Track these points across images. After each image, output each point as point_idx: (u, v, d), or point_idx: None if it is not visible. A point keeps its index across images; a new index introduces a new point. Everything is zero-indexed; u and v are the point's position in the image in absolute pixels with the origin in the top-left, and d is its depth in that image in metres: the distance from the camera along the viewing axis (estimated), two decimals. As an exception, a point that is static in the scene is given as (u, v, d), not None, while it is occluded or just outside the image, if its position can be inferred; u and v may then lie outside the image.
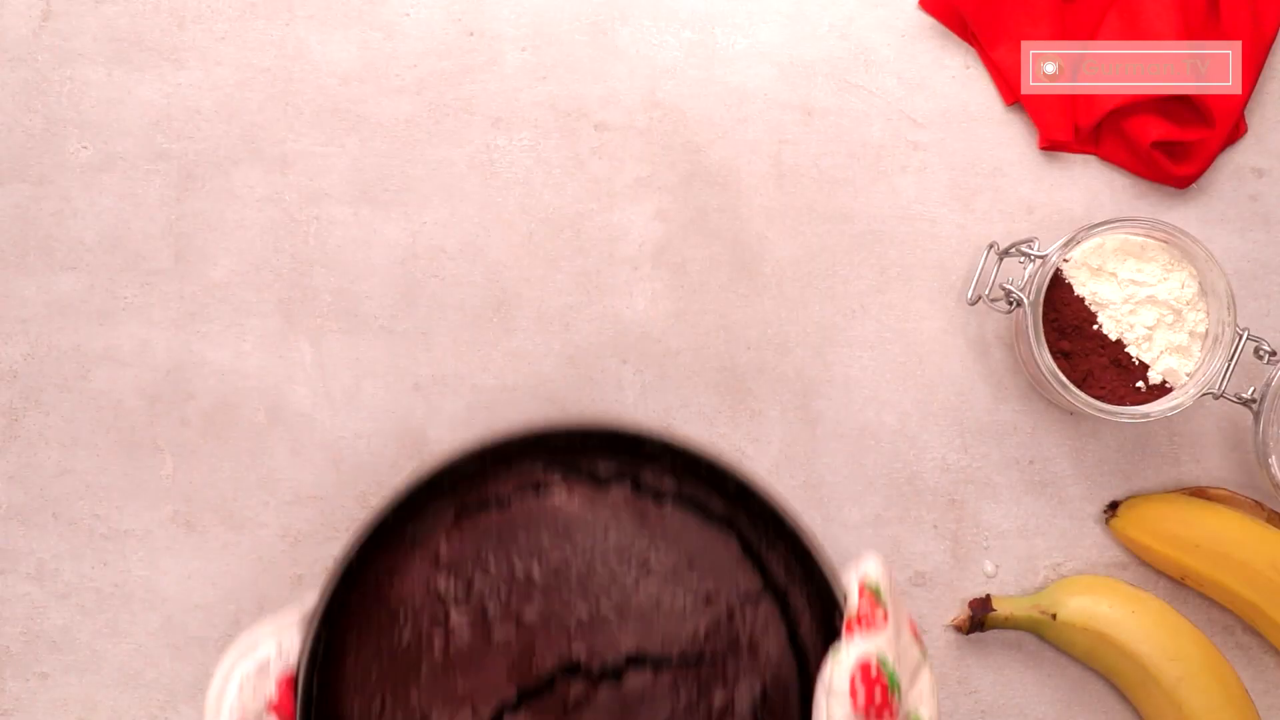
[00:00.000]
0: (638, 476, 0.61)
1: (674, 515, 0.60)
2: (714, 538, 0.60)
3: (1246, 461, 0.70)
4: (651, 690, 0.57)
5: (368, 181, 0.70)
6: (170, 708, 0.69)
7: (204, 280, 0.69)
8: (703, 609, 0.58)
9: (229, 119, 0.70)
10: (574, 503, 0.60)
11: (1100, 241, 0.65)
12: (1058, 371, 0.64)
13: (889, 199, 0.70)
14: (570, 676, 0.57)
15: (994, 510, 0.70)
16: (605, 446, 0.61)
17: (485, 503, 0.60)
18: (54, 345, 0.69)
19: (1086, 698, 0.70)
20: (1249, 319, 0.69)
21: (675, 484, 0.61)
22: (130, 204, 0.69)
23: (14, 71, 0.69)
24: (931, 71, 0.71)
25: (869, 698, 0.55)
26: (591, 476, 0.60)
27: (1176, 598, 0.70)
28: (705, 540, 0.60)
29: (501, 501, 0.60)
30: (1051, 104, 0.70)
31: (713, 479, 0.60)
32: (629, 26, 0.70)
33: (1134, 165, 0.70)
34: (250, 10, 0.70)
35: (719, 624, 0.58)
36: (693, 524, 0.60)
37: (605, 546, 0.59)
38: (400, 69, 0.70)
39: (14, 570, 0.69)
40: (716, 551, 0.60)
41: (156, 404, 0.69)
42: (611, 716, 0.57)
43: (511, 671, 0.57)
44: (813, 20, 0.71)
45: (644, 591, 0.58)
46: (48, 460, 0.69)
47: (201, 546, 0.69)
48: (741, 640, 0.59)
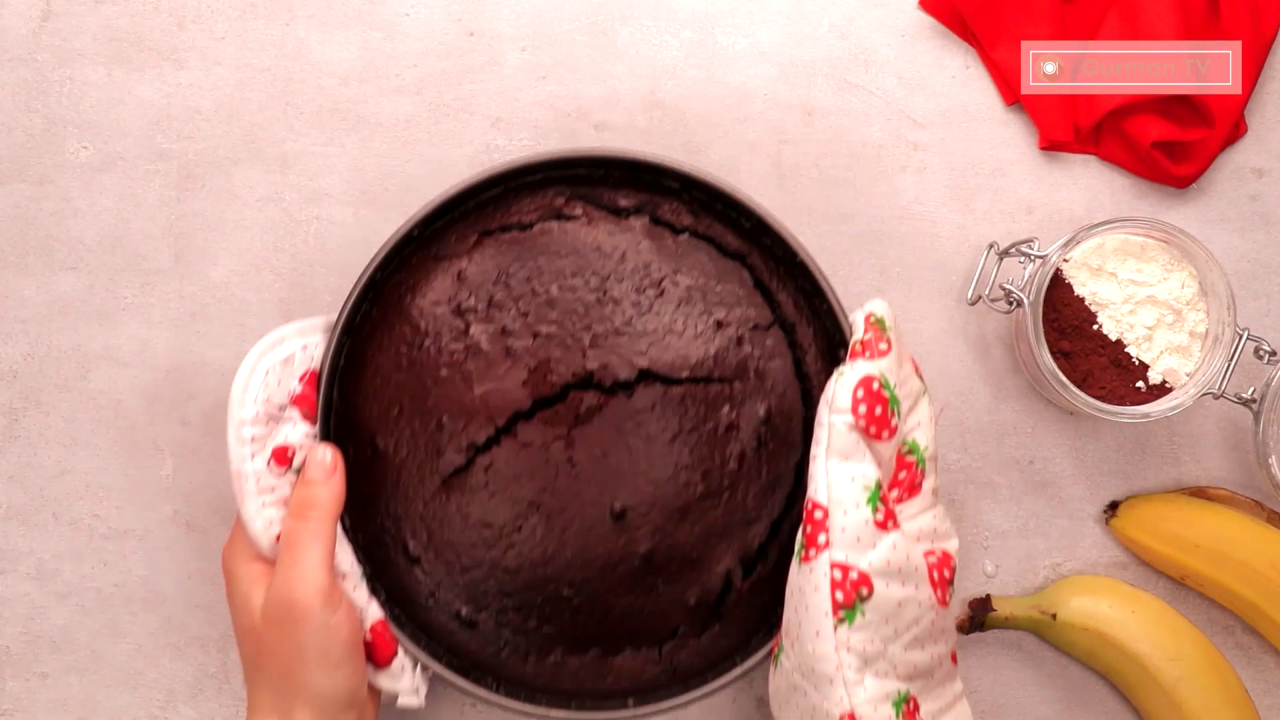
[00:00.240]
0: (656, 210, 0.63)
1: (690, 247, 0.62)
2: (728, 269, 0.62)
3: (1246, 461, 0.70)
4: (661, 404, 0.60)
5: (368, 181, 0.70)
6: (170, 708, 0.69)
7: (204, 280, 0.69)
8: (714, 334, 0.61)
9: (229, 119, 0.70)
10: (594, 230, 0.62)
11: (1100, 241, 0.65)
12: (1058, 371, 0.64)
13: (889, 199, 0.70)
14: (583, 389, 0.60)
15: (993, 510, 0.70)
16: (627, 180, 0.63)
17: (507, 226, 0.62)
18: (54, 345, 0.69)
19: (1086, 698, 0.70)
20: (1249, 319, 0.69)
21: (693, 219, 0.63)
22: (130, 204, 0.69)
23: (14, 71, 0.69)
24: (931, 71, 0.71)
25: (869, 411, 0.57)
26: (612, 207, 0.63)
27: (1176, 598, 0.70)
28: (719, 271, 0.62)
29: (524, 225, 0.62)
30: (1051, 104, 0.70)
31: (730, 215, 0.63)
32: (629, 26, 0.70)
33: (1134, 165, 0.70)
34: (250, 10, 0.70)
35: (729, 349, 0.61)
36: (708, 256, 0.62)
37: (622, 271, 0.61)
38: (400, 69, 0.70)
39: (14, 570, 0.69)
40: (729, 283, 0.62)
41: (156, 404, 0.69)
42: (620, 425, 0.60)
43: (526, 382, 0.60)
44: (813, 20, 0.71)
45: (658, 315, 0.61)
46: (48, 460, 0.69)
47: (201, 546, 0.69)
48: (749, 365, 0.61)
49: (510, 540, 0.60)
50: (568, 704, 0.61)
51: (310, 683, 0.56)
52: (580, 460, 0.60)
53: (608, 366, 0.61)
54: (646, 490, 0.60)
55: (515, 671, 0.62)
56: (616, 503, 0.60)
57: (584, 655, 0.62)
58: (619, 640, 0.61)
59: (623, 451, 0.60)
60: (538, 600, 0.61)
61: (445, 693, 0.69)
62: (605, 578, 0.60)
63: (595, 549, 0.60)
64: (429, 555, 0.61)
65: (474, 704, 0.69)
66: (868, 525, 0.56)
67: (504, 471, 0.60)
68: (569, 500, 0.60)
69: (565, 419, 0.60)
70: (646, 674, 0.62)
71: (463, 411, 0.60)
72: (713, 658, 0.62)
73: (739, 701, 0.69)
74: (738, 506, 0.61)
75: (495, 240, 0.62)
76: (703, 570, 0.61)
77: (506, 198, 0.63)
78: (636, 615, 0.61)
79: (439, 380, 0.61)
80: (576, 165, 0.63)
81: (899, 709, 0.57)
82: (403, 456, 0.61)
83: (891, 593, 0.57)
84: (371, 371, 0.62)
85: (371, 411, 0.61)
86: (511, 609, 0.61)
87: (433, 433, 0.60)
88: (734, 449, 0.61)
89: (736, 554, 0.61)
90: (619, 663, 0.62)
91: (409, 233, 0.62)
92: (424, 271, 0.62)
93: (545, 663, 0.62)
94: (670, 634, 0.62)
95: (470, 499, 0.60)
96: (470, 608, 0.61)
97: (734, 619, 0.62)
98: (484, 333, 0.61)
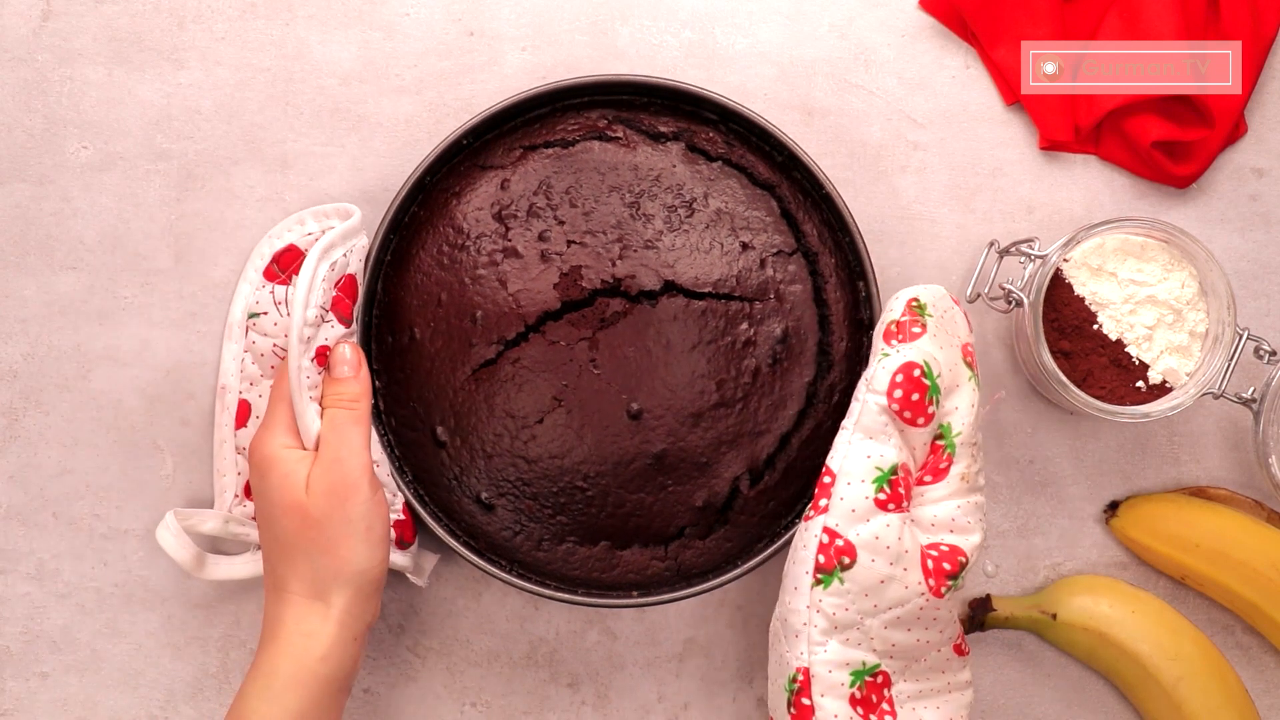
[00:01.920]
0: (694, 138, 0.67)
1: (722, 174, 0.66)
2: (757, 197, 0.66)
3: (1246, 461, 0.70)
4: (683, 315, 0.64)
5: (368, 181, 0.70)
6: (170, 708, 0.69)
7: (204, 280, 0.69)
8: (739, 255, 0.65)
9: (229, 119, 0.70)
10: (633, 151, 0.66)
11: (1100, 241, 0.65)
12: (1058, 371, 0.64)
13: (889, 199, 0.70)
14: (610, 296, 0.64)
15: (994, 510, 0.70)
16: (668, 108, 0.67)
17: (551, 142, 0.66)
18: (54, 345, 0.69)
19: (1086, 698, 0.70)
20: (1249, 319, 0.69)
21: (727, 148, 0.67)
22: (130, 204, 0.69)
23: (14, 71, 0.69)
24: (931, 71, 0.71)
25: (905, 397, 0.60)
26: (651, 132, 0.67)
27: (1176, 598, 0.70)
28: (749, 199, 0.66)
29: (566, 143, 0.66)
30: (1051, 104, 0.70)
31: (763, 148, 0.67)
32: (629, 26, 0.70)
33: (1134, 165, 0.70)
34: (250, 10, 0.70)
35: (752, 270, 0.65)
36: (739, 184, 0.66)
37: (656, 190, 0.65)
38: (400, 69, 0.70)
39: (14, 570, 0.69)
40: (758, 210, 0.66)
41: (156, 404, 0.69)
42: (643, 332, 0.64)
43: (558, 285, 0.64)
44: (813, 20, 0.71)
45: (687, 233, 0.65)
46: (48, 460, 0.69)
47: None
48: (770, 287, 0.65)
49: (532, 431, 0.64)
50: (575, 590, 0.65)
51: (354, 558, 0.60)
52: (603, 361, 0.64)
53: (635, 276, 0.64)
54: (663, 394, 0.64)
55: (528, 556, 0.65)
56: (634, 403, 0.64)
57: (593, 546, 0.65)
58: (628, 535, 0.65)
59: (643, 356, 0.64)
60: (553, 490, 0.64)
61: (446, 693, 0.69)
62: (618, 473, 0.64)
63: (611, 446, 0.64)
64: (455, 441, 0.65)
65: (473, 703, 0.69)
66: (867, 501, 0.59)
67: (530, 367, 0.64)
68: (589, 398, 0.64)
69: (591, 322, 0.64)
70: (652, 569, 0.65)
71: (496, 308, 0.64)
72: (716, 559, 0.65)
73: (739, 701, 0.69)
74: (749, 418, 0.64)
75: (539, 154, 0.66)
76: (711, 475, 0.64)
77: (552, 117, 0.67)
78: (646, 512, 0.64)
79: (476, 279, 0.65)
80: (620, 90, 0.67)
81: (859, 679, 0.59)
82: (437, 347, 0.65)
83: (876, 568, 0.59)
84: (414, 267, 0.66)
85: (411, 303, 0.65)
86: (528, 497, 0.65)
87: (466, 326, 0.65)
88: (749, 364, 0.64)
89: (745, 463, 0.64)
90: (627, 556, 0.65)
91: (458, 141, 0.66)
92: (470, 178, 0.66)
93: (557, 550, 0.65)
94: (677, 533, 0.65)
95: (497, 390, 0.64)
96: (490, 493, 0.65)
97: (739, 524, 0.65)
98: (521, 237, 0.65)
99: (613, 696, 0.70)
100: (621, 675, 0.70)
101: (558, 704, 0.69)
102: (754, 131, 0.66)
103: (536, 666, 0.69)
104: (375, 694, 0.69)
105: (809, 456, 0.65)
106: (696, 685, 0.70)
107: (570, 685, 0.70)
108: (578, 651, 0.70)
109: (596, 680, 0.70)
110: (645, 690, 0.70)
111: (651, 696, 0.70)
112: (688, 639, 0.70)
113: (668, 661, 0.70)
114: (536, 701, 0.69)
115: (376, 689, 0.69)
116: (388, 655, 0.69)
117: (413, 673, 0.69)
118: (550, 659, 0.70)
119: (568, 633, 0.70)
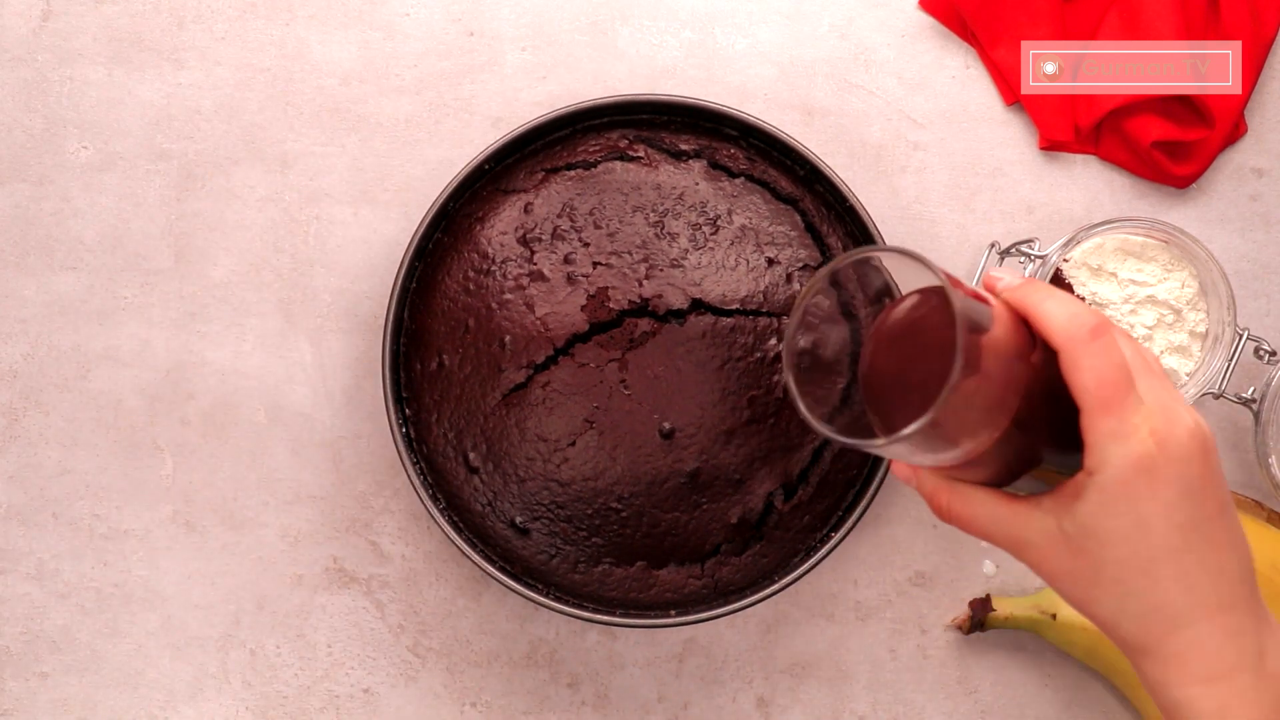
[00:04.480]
0: (715, 155, 0.67)
1: (745, 190, 0.67)
2: (781, 212, 0.67)
3: (1246, 461, 0.70)
4: (711, 333, 0.65)
5: (368, 181, 0.70)
6: (170, 708, 0.69)
7: (204, 280, 0.69)
8: (765, 271, 0.66)
9: (229, 119, 0.70)
10: (655, 170, 0.67)
11: (1100, 241, 0.65)
12: (1058, 371, 0.64)
13: (889, 199, 0.70)
14: (638, 316, 0.65)
15: (994, 510, 0.70)
16: (688, 126, 0.68)
17: (573, 164, 0.67)
18: (54, 345, 0.69)
19: (1086, 698, 0.70)
20: (1249, 319, 0.69)
21: (749, 164, 0.67)
22: (130, 204, 0.69)
23: (14, 71, 0.69)
24: (931, 71, 0.71)
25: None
26: (673, 150, 0.67)
27: (1176, 598, 0.70)
28: (772, 214, 0.67)
29: (588, 164, 0.67)
30: (1051, 104, 0.70)
31: (784, 163, 0.67)
32: (629, 26, 0.70)
33: (1134, 165, 0.70)
34: (250, 10, 0.70)
35: (779, 285, 0.66)
36: (762, 199, 0.67)
37: (680, 208, 0.66)
38: (400, 69, 0.70)
39: (14, 570, 0.69)
40: (782, 225, 0.66)
41: (156, 404, 0.69)
42: (672, 351, 0.65)
43: (585, 307, 0.65)
44: (813, 20, 0.71)
45: (712, 250, 0.66)
46: (48, 460, 0.69)
47: (201, 546, 0.69)
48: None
49: (564, 454, 0.65)
50: (613, 611, 0.65)
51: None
52: (633, 382, 0.65)
53: (662, 296, 0.65)
54: (694, 412, 0.65)
55: (565, 579, 0.66)
56: (666, 423, 0.65)
57: (630, 567, 0.65)
58: (664, 554, 0.65)
59: (673, 375, 0.65)
60: (588, 512, 0.65)
61: (446, 693, 0.69)
62: (652, 493, 0.65)
63: (644, 466, 0.65)
64: (487, 466, 0.66)
65: (473, 704, 0.69)
66: None
67: (561, 390, 0.65)
68: (621, 418, 0.65)
69: (620, 343, 0.65)
70: (689, 587, 0.66)
71: (524, 332, 0.65)
72: (753, 575, 0.66)
73: (739, 701, 0.70)
74: (781, 433, 0.65)
75: (561, 177, 0.66)
76: (745, 491, 0.65)
77: (573, 139, 0.67)
78: (681, 530, 0.65)
79: (503, 303, 0.65)
80: (640, 110, 0.67)
81: None
82: (466, 373, 0.65)
83: None
84: (441, 293, 0.66)
85: (439, 330, 0.66)
86: (562, 520, 0.65)
87: (495, 351, 0.65)
88: (780, 379, 0.64)
89: (779, 478, 0.65)
90: (663, 575, 0.65)
91: (480, 166, 0.66)
92: (493, 203, 0.67)
93: (593, 572, 0.65)
94: (713, 550, 0.66)
95: (528, 414, 0.65)
96: (524, 517, 0.65)
97: (774, 540, 0.66)
98: (547, 260, 0.65)
99: (613, 696, 0.70)
100: (621, 675, 0.70)
101: (558, 704, 0.69)
102: (775, 146, 0.67)
103: (536, 666, 0.69)
104: (375, 694, 0.69)
105: (841, 469, 0.65)
106: (696, 685, 0.70)
107: (570, 685, 0.70)
108: (578, 651, 0.70)
109: (596, 680, 0.70)
110: (645, 690, 0.70)
111: (651, 696, 0.70)
112: (688, 639, 0.70)
113: (668, 661, 0.70)
114: (536, 702, 0.69)
115: (376, 689, 0.69)
116: (388, 655, 0.69)
117: (413, 673, 0.69)
118: (550, 659, 0.70)
119: (568, 633, 0.70)
